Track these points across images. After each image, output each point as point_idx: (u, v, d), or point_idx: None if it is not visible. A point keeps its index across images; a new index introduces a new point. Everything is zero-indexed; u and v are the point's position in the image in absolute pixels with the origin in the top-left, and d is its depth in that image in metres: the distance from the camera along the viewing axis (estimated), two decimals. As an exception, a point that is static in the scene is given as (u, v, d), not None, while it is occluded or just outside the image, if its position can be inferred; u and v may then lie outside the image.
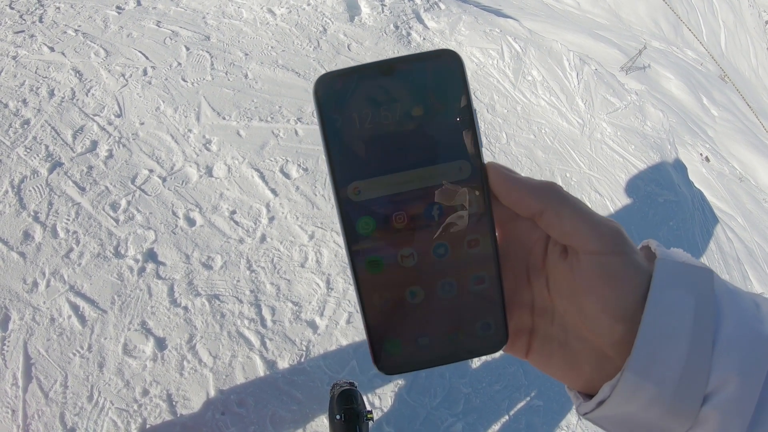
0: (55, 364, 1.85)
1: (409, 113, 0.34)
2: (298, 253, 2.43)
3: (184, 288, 2.15)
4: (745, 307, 0.32)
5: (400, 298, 0.36)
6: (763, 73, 30.49)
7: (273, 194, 2.62)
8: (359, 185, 0.34)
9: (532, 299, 0.38)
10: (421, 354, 0.36)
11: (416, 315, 0.36)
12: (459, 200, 0.35)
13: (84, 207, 2.28)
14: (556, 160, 3.82)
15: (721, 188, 11.02)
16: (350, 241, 0.35)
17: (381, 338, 0.36)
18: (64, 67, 2.86)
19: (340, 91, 0.34)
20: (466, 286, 0.36)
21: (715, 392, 0.30)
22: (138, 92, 2.87)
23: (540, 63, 4.46)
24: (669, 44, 24.11)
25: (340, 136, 0.34)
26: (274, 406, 1.95)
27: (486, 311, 0.36)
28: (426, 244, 0.35)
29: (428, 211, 0.35)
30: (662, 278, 0.32)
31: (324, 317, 2.26)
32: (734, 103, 21.49)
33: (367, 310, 0.35)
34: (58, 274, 2.05)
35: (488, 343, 0.37)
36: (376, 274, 0.35)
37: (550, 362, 0.37)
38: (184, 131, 2.75)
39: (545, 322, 0.37)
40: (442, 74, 0.34)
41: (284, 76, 3.33)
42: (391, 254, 0.35)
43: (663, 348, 0.31)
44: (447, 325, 0.36)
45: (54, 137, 2.50)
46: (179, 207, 2.41)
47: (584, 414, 0.35)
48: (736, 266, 4.58)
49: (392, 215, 0.34)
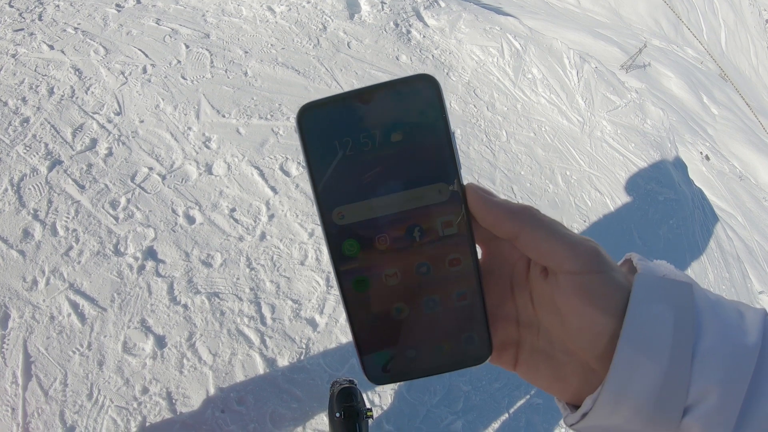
0: (55, 362, 1.85)
1: (388, 139, 0.36)
2: (298, 250, 2.43)
3: (184, 286, 2.15)
4: (726, 318, 0.32)
5: (386, 313, 0.37)
6: (764, 71, 30.47)
7: (273, 192, 2.61)
8: (343, 210, 0.36)
9: (517, 313, 0.39)
10: (409, 365, 0.38)
11: (402, 329, 0.38)
12: (439, 222, 0.36)
13: (83, 205, 2.28)
14: (556, 158, 3.82)
15: (721, 187, 11.03)
16: (337, 262, 0.37)
17: (369, 351, 0.38)
18: (63, 65, 2.86)
19: (322, 120, 0.35)
20: (449, 302, 0.38)
21: (695, 404, 0.30)
22: (137, 90, 2.86)
23: (540, 61, 4.45)
24: (669, 42, 24.08)
25: (323, 163, 0.35)
26: (273, 404, 1.95)
27: (470, 325, 0.38)
28: (409, 264, 0.37)
29: (409, 233, 0.36)
30: (641, 293, 0.33)
31: (324, 315, 2.25)
32: (734, 101, 21.47)
33: (355, 326, 0.37)
34: (58, 272, 2.05)
35: (473, 355, 0.38)
36: (363, 292, 0.37)
37: (537, 374, 0.38)
38: (183, 129, 2.75)
39: (531, 334, 0.38)
40: (420, 99, 0.36)
41: (284, 74, 3.32)
42: (375, 273, 0.37)
43: (642, 362, 0.31)
44: (433, 339, 0.38)
45: (53, 135, 2.49)
46: (179, 205, 2.41)
47: (571, 425, 0.35)
48: (736, 265, 4.57)
49: (375, 237, 0.36)
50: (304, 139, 0.35)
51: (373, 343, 0.38)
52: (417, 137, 0.36)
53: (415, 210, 0.36)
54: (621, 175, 3.98)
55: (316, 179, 0.35)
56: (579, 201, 3.59)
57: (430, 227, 0.36)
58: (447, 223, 0.37)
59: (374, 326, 0.37)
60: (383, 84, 0.35)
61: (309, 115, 0.35)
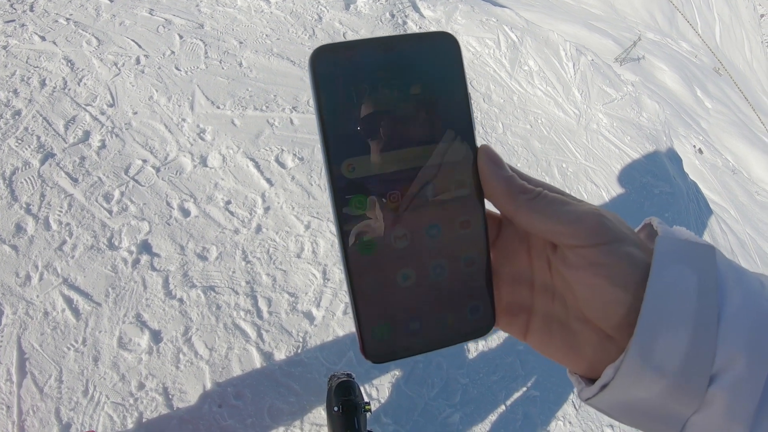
0: (50, 359, 1.83)
1: (406, 92, 0.34)
2: (294, 243, 2.41)
3: (179, 280, 2.13)
4: (749, 284, 0.31)
5: (391, 280, 0.35)
6: (758, 66, 30.60)
7: (268, 184, 2.59)
8: (353, 162, 0.33)
9: (532, 276, 0.37)
10: (411, 339, 0.36)
11: (407, 298, 0.35)
12: (452, 181, 0.35)
13: (77, 198, 2.25)
14: (553, 150, 3.81)
15: (713, 180, 11.08)
16: (342, 220, 0.33)
17: (370, 323, 0.35)
18: (55, 57, 2.81)
19: (338, 65, 0.33)
20: (457, 268, 0.36)
21: (721, 372, 0.29)
22: (131, 81, 2.83)
23: (536, 53, 4.44)
24: (664, 36, 24.11)
25: (336, 110, 0.33)
26: (271, 398, 1.94)
27: (475, 294, 0.36)
28: (419, 225, 0.35)
29: (423, 190, 0.34)
30: (663, 255, 0.31)
31: (321, 308, 2.24)
32: (728, 95, 21.56)
33: (357, 294, 0.34)
34: (51, 267, 2.02)
35: (477, 326, 0.37)
36: (368, 255, 0.34)
37: (549, 343, 0.36)
38: (177, 120, 2.71)
39: (545, 299, 0.37)
40: (441, 55, 0.34)
41: (279, 65, 3.29)
42: (384, 235, 0.34)
43: (666, 327, 0.29)
44: (438, 309, 0.36)
45: (46, 128, 2.45)
46: (173, 197, 2.38)
47: (586, 399, 0.33)
48: (732, 259, 4.60)
49: (387, 194, 0.34)
50: (317, 83, 0.33)
51: (375, 315, 0.35)
52: (436, 93, 0.34)
53: (430, 167, 0.34)
54: (617, 168, 3.98)
55: (327, 127, 0.33)
56: (575, 193, 3.59)
57: (443, 186, 0.35)
58: (460, 182, 0.35)
59: (378, 295, 0.34)
60: (405, 36, 0.34)
61: (324, 58, 0.33)
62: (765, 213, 11.00)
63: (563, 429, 2.40)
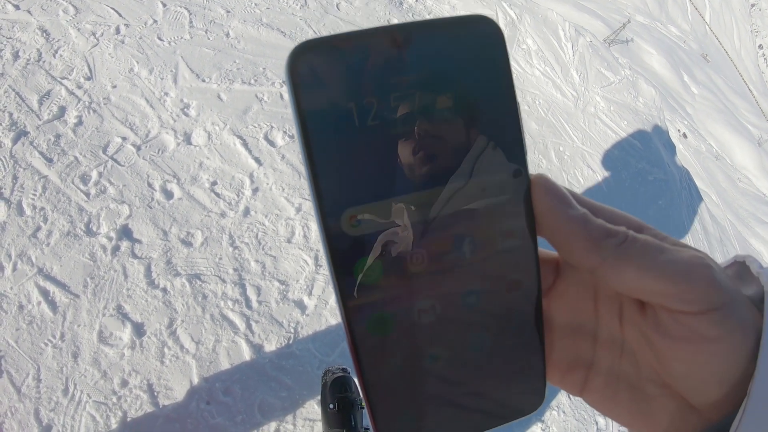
0: (26, 356, 1.73)
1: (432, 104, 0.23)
2: (284, 227, 2.30)
3: (162, 267, 2.02)
4: None
5: (415, 364, 0.26)
6: (746, 54, 30.92)
7: (257, 163, 2.47)
8: (358, 212, 0.23)
9: (597, 326, 0.31)
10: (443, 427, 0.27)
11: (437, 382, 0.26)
12: (497, 228, 0.25)
13: (51, 180, 2.11)
14: (550, 132, 3.74)
15: (696, 165, 11.19)
16: (345, 292, 0.24)
17: (389, 417, 0.26)
18: (29, 27, 2.63)
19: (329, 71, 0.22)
20: (500, 343, 0.27)
21: None
22: (110, 52, 2.67)
23: (535, 32, 4.33)
24: (653, 20, 24.13)
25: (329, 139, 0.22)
26: (262, 393, 1.86)
27: (524, 371, 0.28)
28: (452, 292, 0.25)
29: (458, 246, 0.25)
30: None
31: (312, 296, 2.16)
32: (714, 82, 21.75)
33: (370, 385, 0.25)
34: (26, 256, 1.90)
35: (523, 406, 0.29)
36: (384, 336, 0.25)
37: (614, 404, 0.30)
38: (160, 95, 2.57)
39: (611, 355, 0.30)
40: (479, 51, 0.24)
41: (269, 36, 3.14)
42: (404, 308, 0.25)
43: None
44: (475, 392, 0.28)
45: (18, 104, 2.30)
46: (155, 178, 2.26)
47: None
48: (719, 247, 4.63)
49: (407, 254, 0.24)
50: (298, 99, 0.22)
51: (395, 406, 0.26)
52: (473, 105, 0.23)
53: (466, 212, 0.24)
54: (613, 153, 3.93)
55: (317, 165, 0.22)
56: (572, 178, 3.53)
57: (486, 238, 0.25)
58: (509, 231, 0.25)
59: (397, 382, 0.26)
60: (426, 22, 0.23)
61: (309, 62, 0.21)
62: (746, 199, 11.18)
63: (557, 419, 2.37)
